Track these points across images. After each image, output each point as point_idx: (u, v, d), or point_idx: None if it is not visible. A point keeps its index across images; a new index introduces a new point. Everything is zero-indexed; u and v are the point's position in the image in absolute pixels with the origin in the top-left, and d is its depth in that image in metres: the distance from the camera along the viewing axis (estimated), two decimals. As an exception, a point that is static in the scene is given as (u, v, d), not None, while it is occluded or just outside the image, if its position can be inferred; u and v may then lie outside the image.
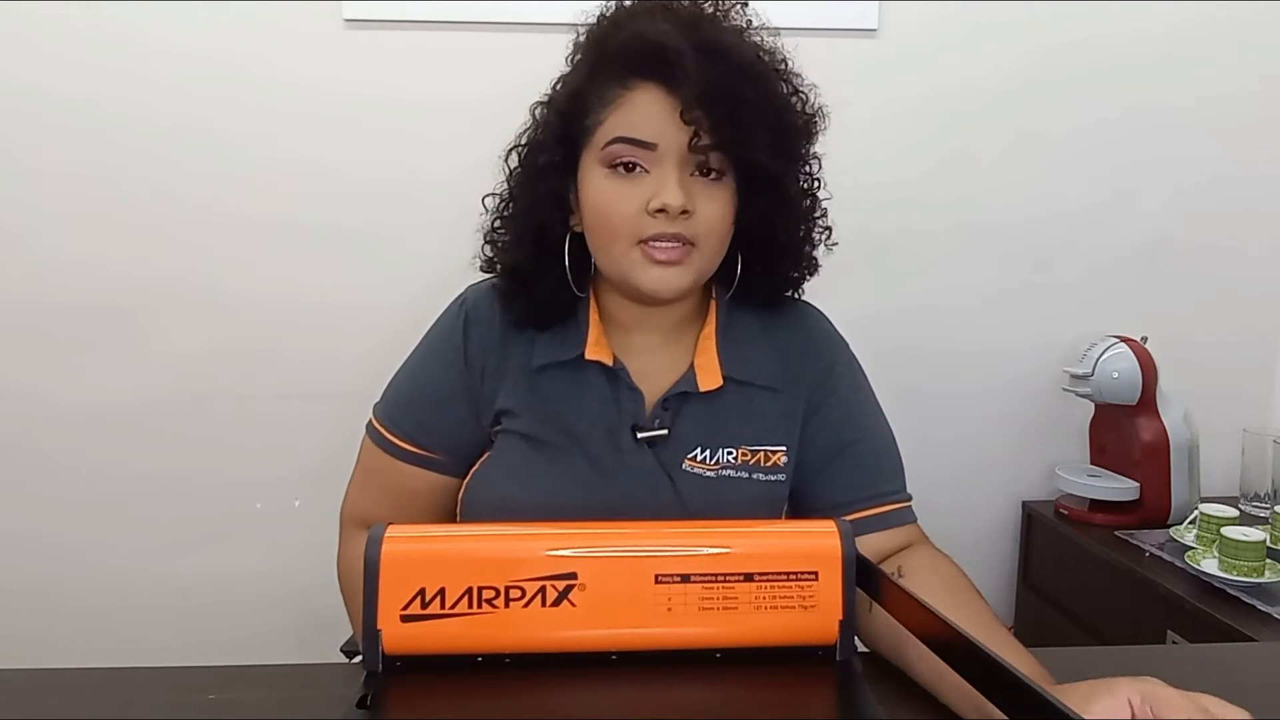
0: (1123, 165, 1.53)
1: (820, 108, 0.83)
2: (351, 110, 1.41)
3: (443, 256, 1.41)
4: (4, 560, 1.48)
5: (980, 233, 1.52)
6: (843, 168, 0.89)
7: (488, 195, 0.87)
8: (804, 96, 0.82)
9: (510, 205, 0.85)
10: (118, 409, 1.45)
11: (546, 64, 0.84)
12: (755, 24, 0.81)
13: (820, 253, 0.88)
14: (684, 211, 0.74)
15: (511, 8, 1.39)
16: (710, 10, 0.79)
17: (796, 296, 0.91)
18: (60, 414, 1.45)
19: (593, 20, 0.82)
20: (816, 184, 0.86)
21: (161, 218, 1.42)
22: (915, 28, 1.45)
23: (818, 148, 0.84)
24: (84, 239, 1.41)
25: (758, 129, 0.75)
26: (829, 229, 0.88)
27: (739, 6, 0.80)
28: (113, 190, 1.41)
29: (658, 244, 0.75)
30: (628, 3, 0.81)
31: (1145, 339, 1.44)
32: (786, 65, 0.81)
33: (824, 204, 0.87)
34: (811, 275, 0.89)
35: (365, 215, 1.44)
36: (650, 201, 0.75)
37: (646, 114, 0.75)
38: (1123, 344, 1.42)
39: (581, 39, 0.82)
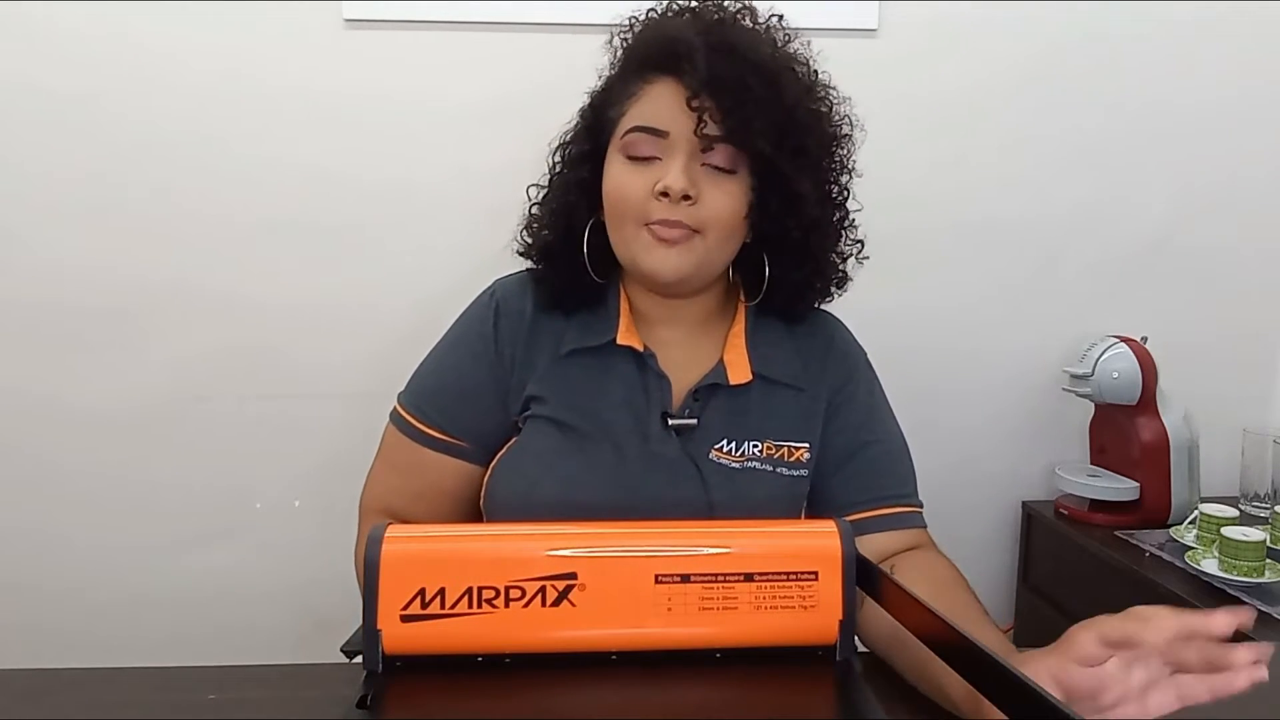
0: (1123, 165, 1.53)
1: (847, 117, 0.86)
2: (352, 110, 1.41)
3: (442, 257, 1.43)
4: (3, 559, 1.48)
5: (980, 232, 1.52)
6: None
7: (531, 185, 0.92)
8: (830, 104, 0.85)
9: (546, 193, 0.90)
10: (118, 409, 1.45)
11: (547, 65, 0.85)
12: (783, 33, 0.84)
13: (850, 266, 0.91)
14: (686, 197, 0.77)
15: (512, 8, 1.39)
16: (732, 14, 0.82)
17: (819, 307, 0.93)
18: (60, 414, 1.45)
19: (627, 23, 0.87)
20: (844, 195, 0.89)
21: (160, 218, 1.42)
22: (915, 28, 1.45)
23: (854, 163, 0.88)
24: (83, 239, 1.41)
25: (764, 123, 0.78)
26: (860, 243, 0.91)
27: (774, 19, 0.84)
28: (112, 190, 1.40)
29: (663, 227, 0.79)
30: (660, 7, 0.86)
31: (1145, 339, 1.44)
32: (812, 72, 0.84)
33: (854, 215, 0.90)
34: (840, 289, 0.92)
35: (365, 216, 1.44)
36: (656, 185, 0.78)
37: (660, 104, 0.79)
38: (1123, 344, 1.42)
39: (618, 40, 0.87)
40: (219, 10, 1.37)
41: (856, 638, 0.64)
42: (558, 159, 0.89)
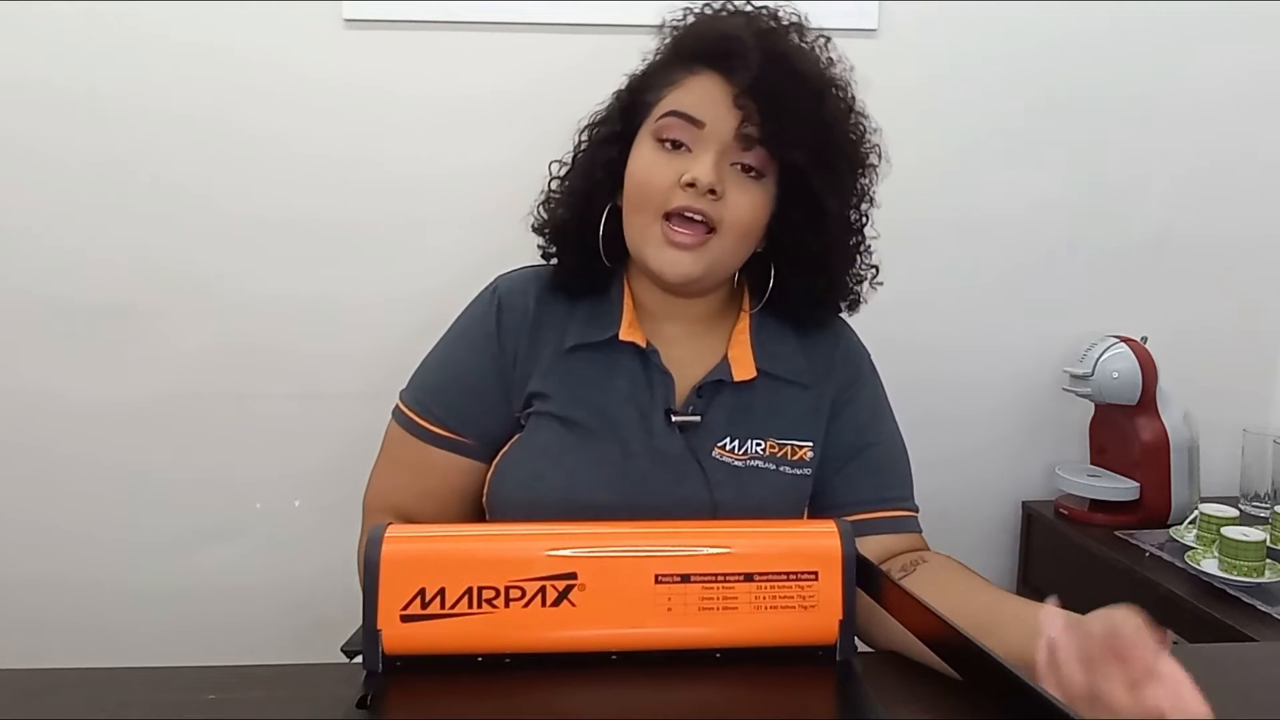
0: (1122, 164, 1.53)
1: (877, 147, 0.87)
2: (351, 110, 1.41)
3: (442, 256, 1.43)
4: (3, 556, 1.47)
5: (979, 232, 1.52)
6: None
7: (553, 161, 0.91)
8: (863, 131, 0.86)
9: (569, 170, 0.90)
10: (118, 407, 1.45)
11: (547, 64, 0.85)
12: (828, 55, 0.85)
13: (864, 290, 0.92)
14: (712, 191, 0.78)
15: (512, 8, 1.39)
16: (785, 26, 0.83)
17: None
18: (61, 412, 1.45)
19: (679, 17, 0.87)
20: (863, 221, 0.89)
21: (162, 216, 1.41)
22: (915, 28, 1.45)
23: (874, 193, 0.88)
24: (85, 237, 1.41)
25: (802, 133, 0.79)
26: (875, 268, 0.92)
27: (821, 40, 0.85)
28: (114, 188, 1.40)
29: (678, 227, 0.79)
30: (715, 5, 0.86)
31: (1145, 339, 1.44)
32: (851, 97, 0.86)
33: (870, 242, 0.90)
34: (853, 309, 0.93)
35: (365, 215, 1.44)
36: (683, 175, 0.78)
37: (702, 95, 0.79)
38: (1123, 344, 1.42)
39: (666, 33, 0.87)
40: (219, 10, 1.37)
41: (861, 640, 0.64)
42: (584, 138, 0.89)
